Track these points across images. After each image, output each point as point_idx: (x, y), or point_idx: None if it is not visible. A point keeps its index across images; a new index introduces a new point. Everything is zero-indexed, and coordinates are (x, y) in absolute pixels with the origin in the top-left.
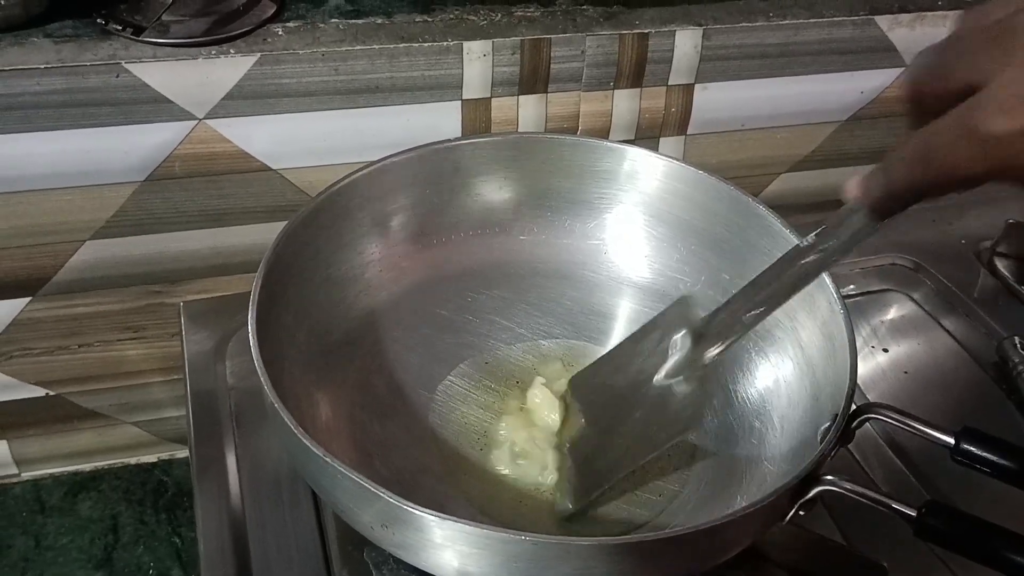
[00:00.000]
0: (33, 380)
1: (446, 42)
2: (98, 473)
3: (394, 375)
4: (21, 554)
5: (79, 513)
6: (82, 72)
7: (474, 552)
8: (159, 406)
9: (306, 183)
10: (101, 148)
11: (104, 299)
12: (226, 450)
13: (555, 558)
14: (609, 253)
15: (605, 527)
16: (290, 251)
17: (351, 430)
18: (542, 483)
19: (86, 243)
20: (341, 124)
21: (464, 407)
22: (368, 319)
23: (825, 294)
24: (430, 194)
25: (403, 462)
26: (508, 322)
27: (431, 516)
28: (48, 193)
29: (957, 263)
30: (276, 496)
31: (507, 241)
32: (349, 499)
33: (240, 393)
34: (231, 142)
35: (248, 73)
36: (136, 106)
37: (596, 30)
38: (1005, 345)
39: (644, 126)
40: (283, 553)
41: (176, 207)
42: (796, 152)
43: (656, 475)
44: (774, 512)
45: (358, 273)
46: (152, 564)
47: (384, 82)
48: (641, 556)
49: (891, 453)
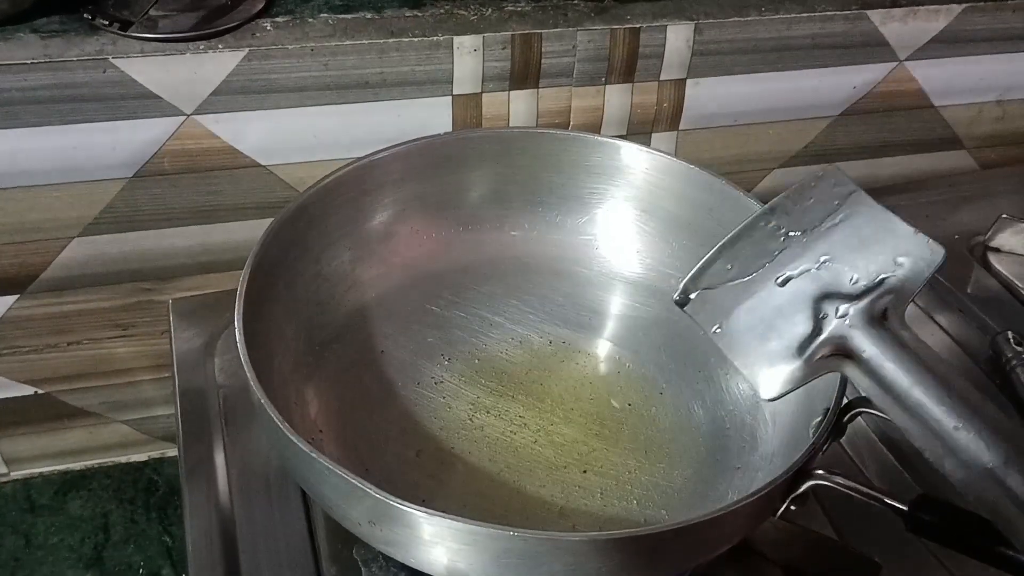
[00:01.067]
0: (22, 378)
1: (436, 37)
2: (88, 472)
3: (383, 371)
4: (11, 553)
5: (69, 512)
6: (69, 67)
7: (463, 548)
8: (149, 404)
9: (296, 179)
10: (89, 144)
11: (93, 296)
12: (215, 448)
13: (545, 553)
14: (600, 248)
15: (596, 522)
16: (278, 247)
17: (339, 427)
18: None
19: (74, 240)
20: (331, 120)
21: (454, 403)
22: (357, 315)
23: None
24: (420, 190)
25: (392, 459)
26: (499, 318)
27: (419, 512)
28: (35, 190)
29: (950, 258)
30: (265, 494)
31: (498, 237)
32: (337, 496)
33: (229, 391)
34: (220, 138)
35: (237, 68)
36: (124, 102)
37: (587, 25)
38: (998, 340)
39: (636, 121)
40: (272, 551)
41: (165, 204)
42: (789, 147)
43: (648, 470)
44: (766, 507)
45: (347, 269)
46: (143, 563)
47: (374, 77)
48: (631, 551)
49: (883, 447)
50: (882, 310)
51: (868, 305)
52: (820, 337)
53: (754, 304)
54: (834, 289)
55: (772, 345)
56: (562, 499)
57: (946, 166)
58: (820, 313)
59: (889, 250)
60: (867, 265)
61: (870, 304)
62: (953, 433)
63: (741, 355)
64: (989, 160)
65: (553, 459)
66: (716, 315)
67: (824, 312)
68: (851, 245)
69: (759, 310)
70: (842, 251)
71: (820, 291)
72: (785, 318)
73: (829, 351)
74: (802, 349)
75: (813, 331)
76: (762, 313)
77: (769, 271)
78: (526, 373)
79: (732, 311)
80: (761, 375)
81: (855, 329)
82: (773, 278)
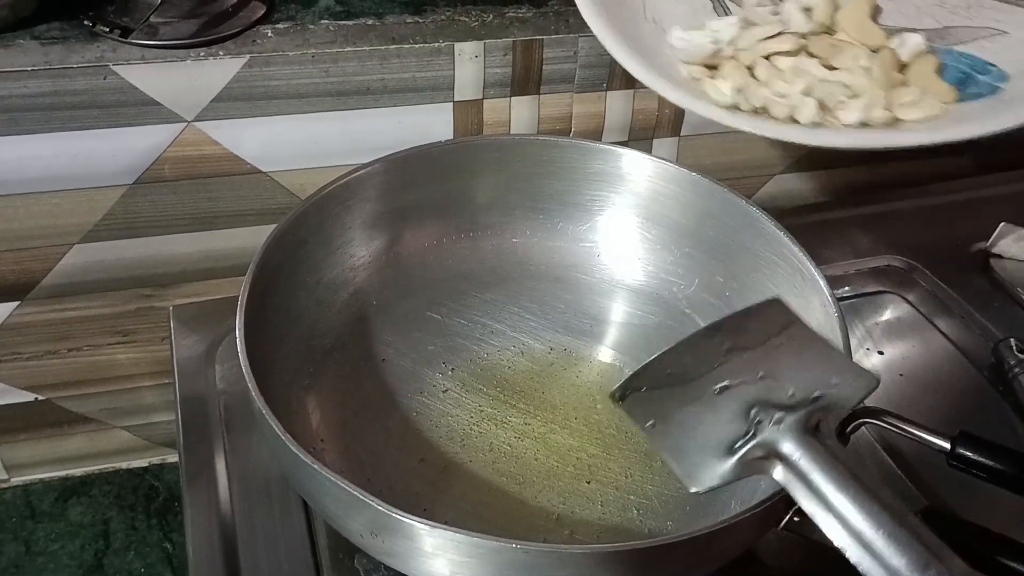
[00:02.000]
0: (22, 385)
1: (437, 43)
2: (89, 478)
3: (385, 379)
4: (11, 560)
5: (70, 519)
6: (69, 74)
7: (465, 560)
8: (149, 411)
9: (297, 186)
10: (89, 151)
11: (93, 303)
12: (216, 456)
13: (547, 566)
14: (602, 255)
15: (597, 532)
16: (279, 254)
17: (341, 436)
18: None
19: (75, 247)
20: (332, 126)
21: (456, 411)
22: (358, 323)
23: (819, 296)
24: (421, 197)
25: (393, 468)
26: (500, 325)
27: (421, 524)
28: (36, 196)
29: (952, 264)
30: (266, 502)
31: (499, 244)
32: (338, 507)
33: (230, 398)
34: (220, 145)
35: (237, 75)
36: (124, 109)
37: (588, 31)
38: (1000, 347)
39: (637, 128)
40: (273, 560)
41: (165, 210)
42: (789, 154)
43: (649, 481)
44: (769, 517)
45: (348, 277)
46: (143, 570)
47: (375, 84)
48: (634, 563)
49: (888, 458)
50: (815, 422)
51: (802, 416)
52: (754, 440)
53: (691, 406)
54: (771, 399)
55: (704, 443)
56: (563, 508)
57: (948, 171)
58: (755, 418)
59: (826, 373)
60: (804, 383)
61: (804, 415)
62: (875, 538)
63: (672, 450)
64: (991, 165)
65: (554, 467)
66: (651, 412)
67: (759, 418)
68: (790, 364)
69: (695, 411)
70: (781, 369)
71: (757, 399)
72: (720, 420)
73: (761, 453)
74: (734, 449)
75: (746, 433)
76: (698, 414)
77: (709, 379)
78: (527, 381)
79: (668, 410)
80: (690, 469)
81: (787, 435)
82: (712, 385)
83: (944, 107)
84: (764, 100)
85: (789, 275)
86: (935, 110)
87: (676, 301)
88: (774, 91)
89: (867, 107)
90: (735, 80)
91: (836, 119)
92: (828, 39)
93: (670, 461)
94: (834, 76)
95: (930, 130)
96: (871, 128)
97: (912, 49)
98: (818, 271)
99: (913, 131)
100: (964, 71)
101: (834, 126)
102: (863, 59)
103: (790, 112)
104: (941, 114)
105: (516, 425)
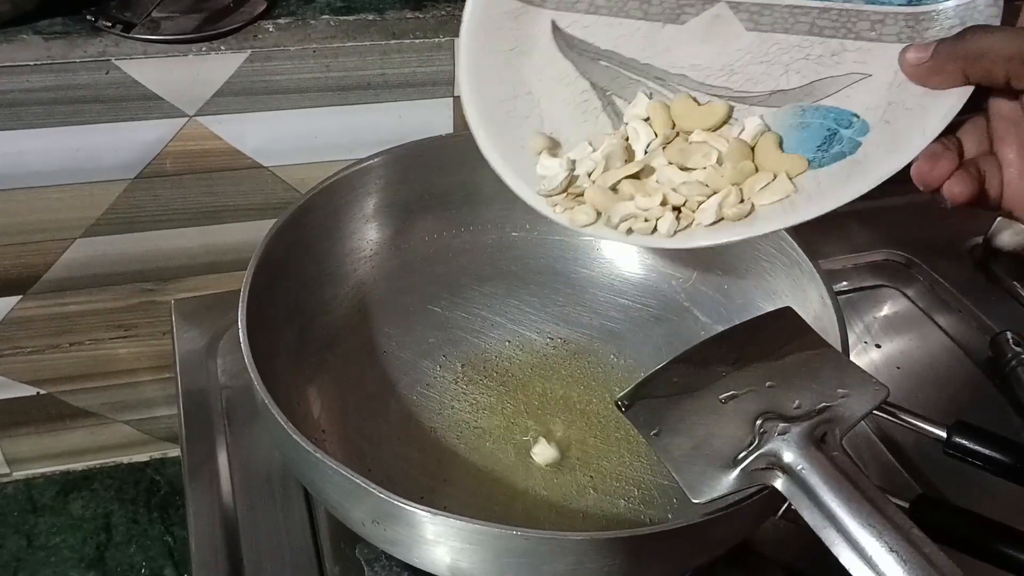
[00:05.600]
0: (24, 379)
1: (438, 38)
2: (90, 472)
3: (385, 371)
4: (13, 554)
5: (71, 512)
6: (72, 69)
7: (466, 547)
8: (151, 404)
9: (297, 180)
10: (91, 145)
11: (95, 297)
12: (218, 448)
13: (547, 553)
14: (602, 249)
15: (597, 521)
16: (281, 248)
17: (342, 427)
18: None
19: (76, 241)
20: (332, 121)
21: (456, 403)
22: (359, 316)
23: (817, 289)
24: (422, 191)
25: (393, 459)
26: (501, 318)
27: (422, 511)
28: (38, 191)
29: (950, 259)
30: (268, 494)
31: (499, 237)
32: (340, 495)
33: (232, 391)
34: (222, 139)
35: (239, 70)
36: (126, 103)
37: None
38: (998, 340)
39: None
40: (275, 551)
41: (167, 205)
42: None
43: (648, 470)
44: (767, 506)
45: (349, 270)
46: (144, 563)
47: (376, 79)
48: (634, 551)
49: (884, 448)
50: (821, 434)
51: (808, 427)
52: (758, 451)
53: (696, 415)
54: (776, 410)
55: (708, 453)
56: (563, 497)
57: None
58: (760, 428)
59: (834, 383)
60: (811, 394)
61: (810, 427)
62: (877, 553)
63: (675, 459)
64: None
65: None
66: (656, 421)
67: (764, 428)
68: (798, 374)
69: (700, 420)
70: (788, 379)
71: (762, 409)
72: (725, 429)
73: (764, 464)
74: (738, 459)
75: (751, 444)
76: (703, 423)
77: (715, 389)
78: (527, 373)
79: (673, 419)
80: (693, 480)
81: (792, 447)
82: (718, 395)
83: (793, 186)
84: (624, 217)
85: (787, 269)
86: (787, 190)
87: (675, 294)
88: (637, 205)
89: (720, 205)
90: (597, 204)
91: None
92: (680, 142)
93: (673, 471)
94: (692, 176)
95: (784, 213)
96: (728, 222)
97: (753, 131)
98: (816, 265)
99: (768, 218)
100: (831, 127)
101: (694, 228)
102: (712, 156)
103: (652, 224)
104: (793, 191)
105: (515, 416)
